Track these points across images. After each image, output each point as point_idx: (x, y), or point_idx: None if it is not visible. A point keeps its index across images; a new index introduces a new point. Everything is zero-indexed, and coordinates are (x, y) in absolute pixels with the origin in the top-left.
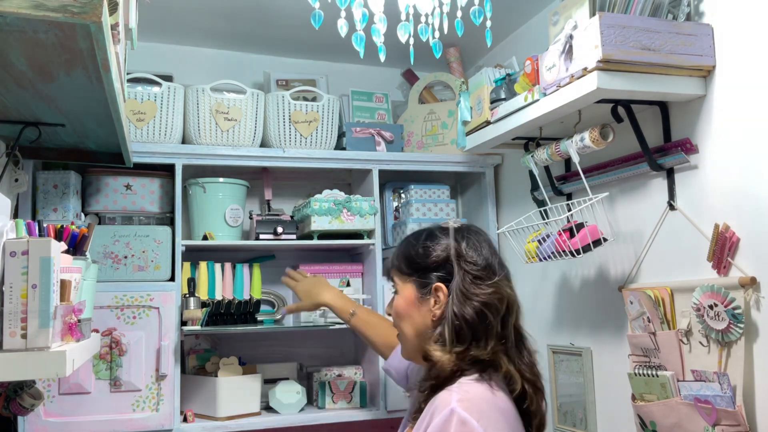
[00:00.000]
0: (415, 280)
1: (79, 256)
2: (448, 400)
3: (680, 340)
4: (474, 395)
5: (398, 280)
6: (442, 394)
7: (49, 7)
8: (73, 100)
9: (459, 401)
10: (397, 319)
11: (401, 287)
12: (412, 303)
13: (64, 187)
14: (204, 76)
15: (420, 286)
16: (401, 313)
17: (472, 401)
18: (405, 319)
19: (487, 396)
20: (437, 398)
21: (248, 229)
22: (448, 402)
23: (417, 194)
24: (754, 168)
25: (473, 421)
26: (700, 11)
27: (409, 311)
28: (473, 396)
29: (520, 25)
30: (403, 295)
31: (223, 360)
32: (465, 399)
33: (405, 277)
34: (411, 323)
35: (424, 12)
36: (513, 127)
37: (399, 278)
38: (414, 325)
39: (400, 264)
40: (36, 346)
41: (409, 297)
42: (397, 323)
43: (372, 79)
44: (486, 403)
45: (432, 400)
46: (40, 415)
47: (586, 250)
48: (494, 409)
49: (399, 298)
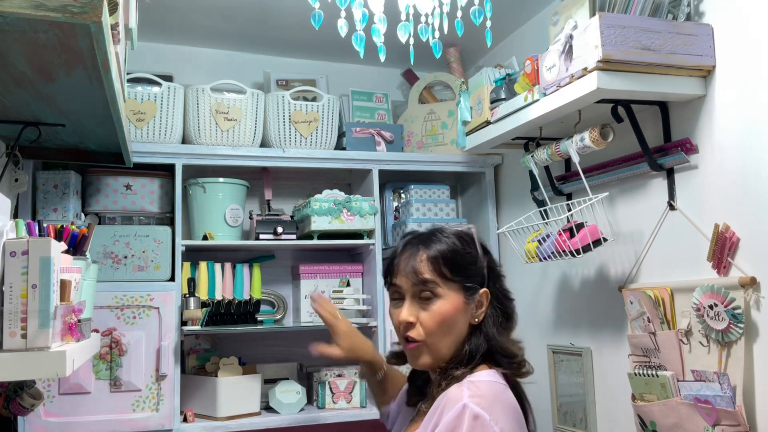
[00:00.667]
0: (464, 286)
1: (79, 256)
2: (460, 396)
3: (680, 340)
4: (485, 391)
5: (441, 288)
6: (452, 390)
7: (49, 7)
8: (73, 100)
9: (471, 397)
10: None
11: (446, 293)
12: (459, 309)
13: (64, 187)
14: (204, 76)
15: (466, 291)
16: (448, 321)
17: (483, 396)
18: (450, 328)
19: (497, 391)
20: (447, 394)
21: (248, 229)
22: (460, 398)
23: (417, 194)
24: (754, 168)
25: (485, 415)
26: (700, 11)
27: (456, 318)
28: (484, 392)
29: (520, 25)
30: (450, 301)
31: (223, 360)
32: (476, 395)
33: (449, 283)
34: (455, 331)
35: (424, 12)
36: (513, 127)
37: (443, 286)
38: (457, 333)
39: (443, 270)
40: (36, 346)
41: (457, 303)
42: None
43: (372, 79)
44: (496, 398)
45: (441, 396)
46: (40, 415)
47: (586, 250)
48: (504, 404)
49: (445, 303)
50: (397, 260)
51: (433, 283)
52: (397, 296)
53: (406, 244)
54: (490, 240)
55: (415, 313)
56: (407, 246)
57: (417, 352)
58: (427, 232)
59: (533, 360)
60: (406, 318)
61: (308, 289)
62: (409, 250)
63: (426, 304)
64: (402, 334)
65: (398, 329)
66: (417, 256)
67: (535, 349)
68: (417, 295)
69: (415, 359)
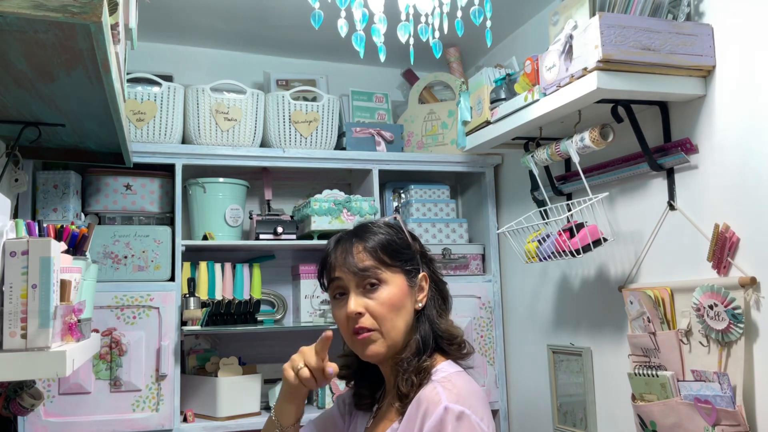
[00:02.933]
0: (404, 270)
1: (79, 256)
2: (438, 399)
3: (680, 340)
4: (460, 386)
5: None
6: (426, 391)
7: (49, 7)
8: (73, 100)
9: (449, 397)
10: (388, 312)
11: (390, 278)
12: (406, 292)
13: (64, 187)
14: (204, 76)
15: (408, 275)
16: (397, 304)
17: (460, 394)
18: (400, 311)
19: (469, 385)
20: (423, 397)
21: (248, 229)
22: (438, 400)
23: (417, 194)
24: (754, 168)
25: (467, 411)
26: (700, 11)
27: (404, 301)
28: (459, 387)
29: (520, 25)
30: (397, 285)
31: (223, 360)
32: (453, 393)
33: (391, 268)
34: (405, 314)
35: (424, 12)
36: (513, 127)
37: (386, 271)
38: (407, 316)
39: (382, 257)
40: (36, 346)
41: (403, 286)
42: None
43: (372, 79)
44: (471, 392)
45: (417, 400)
46: (40, 415)
47: (586, 250)
48: (476, 394)
49: (391, 288)
50: (332, 257)
51: (376, 269)
52: (339, 292)
53: (337, 241)
54: (490, 240)
55: (362, 303)
56: (340, 242)
57: (369, 341)
58: (356, 228)
59: (533, 360)
60: (354, 309)
61: (308, 289)
62: (343, 245)
63: (372, 293)
64: (351, 327)
65: (345, 325)
66: (353, 249)
67: (535, 349)
68: (361, 285)
69: (367, 347)
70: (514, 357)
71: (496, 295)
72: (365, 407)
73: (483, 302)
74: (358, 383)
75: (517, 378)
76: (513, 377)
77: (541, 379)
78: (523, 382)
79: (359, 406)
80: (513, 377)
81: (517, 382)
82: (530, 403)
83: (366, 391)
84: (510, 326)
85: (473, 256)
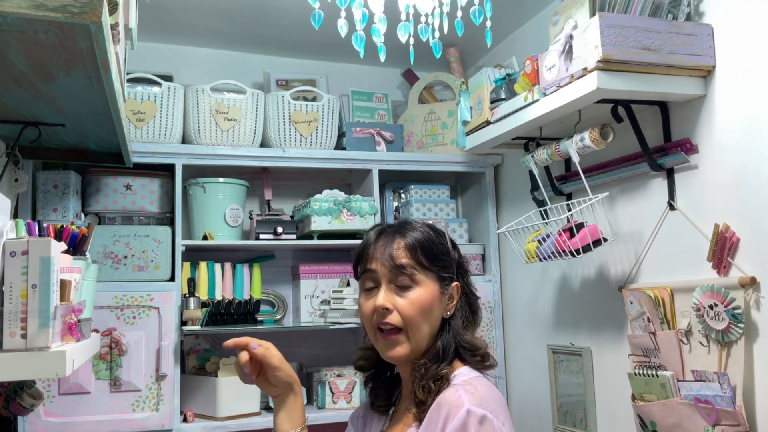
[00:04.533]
0: (438, 275)
1: (79, 256)
2: (460, 402)
3: (680, 340)
4: (482, 390)
5: (420, 275)
6: (448, 394)
7: (49, 7)
8: (73, 100)
9: (471, 400)
10: (415, 313)
11: (424, 280)
12: (436, 298)
13: (64, 187)
14: (204, 76)
15: (441, 281)
16: (426, 307)
17: (482, 398)
18: (428, 315)
19: (491, 390)
20: (445, 401)
21: (248, 229)
22: (461, 403)
23: (417, 194)
24: (754, 168)
25: (489, 416)
26: (700, 11)
27: (433, 306)
28: (482, 391)
29: (520, 25)
30: (428, 288)
31: (223, 360)
32: (476, 397)
33: (426, 271)
34: (432, 319)
35: (424, 12)
36: (513, 127)
37: (421, 273)
38: (433, 322)
39: (420, 258)
40: (36, 346)
41: (434, 291)
42: (412, 318)
43: (372, 79)
44: (492, 397)
45: (438, 403)
46: (40, 415)
47: (586, 250)
48: (497, 399)
49: (422, 290)
50: (372, 247)
51: (411, 269)
52: (371, 284)
53: (380, 233)
54: (490, 240)
55: (392, 300)
56: (381, 234)
57: (394, 342)
58: (400, 223)
59: (533, 360)
60: (383, 303)
61: (308, 289)
62: (384, 239)
63: (403, 292)
64: (376, 322)
65: (370, 318)
66: (394, 244)
67: (535, 349)
68: (393, 281)
69: (392, 349)
70: (514, 357)
71: (496, 295)
72: (381, 410)
73: (483, 302)
74: (375, 381)
75: (517, 378)
76: (513, 377)
77: (541, 379)
78: (523, 382)
79: (375, 407)
80: (513, 377)
81: (517, 382)
82: (530, 403)
83: (383, 392)
84: (510, 326)
85: (473, 256)
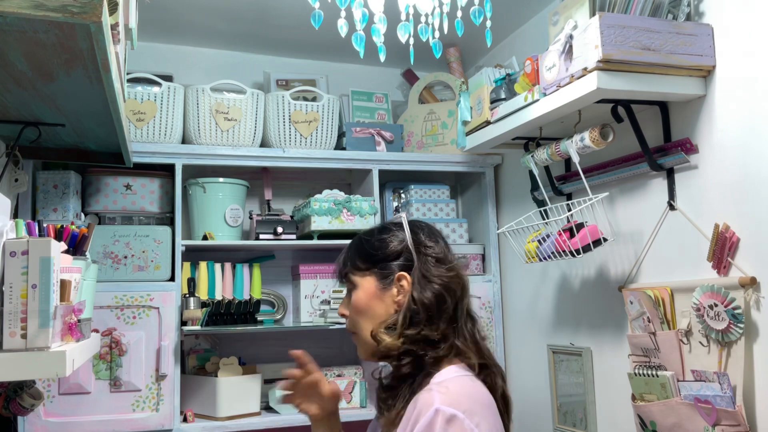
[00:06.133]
0: (376, 272)
1: (79, 256)
2: (431, 401)
3: (680, 340)
4: (454, 390)
5: (355, 277)
6: (422, 395)
7: (49, 7)
8: (73, 100)
9: (442, 400)
10: (356, 315)
11: (359, 282)
12: (373, 295)
13: (64, 187)
14: (204, 76)
15: (381, 277)
16: (361, 307)
17: (453, 397)
18: (365, 314)
19: (465, 385)
20: (419, 400)
21: (248, 229)
22: (431, 403)
23: (417, 194)
24: (754, 168)
25: (460, 415)
26: (700, 11)
27: (370, 304)
28: (454, 391)
29: (520, 25)
30: (363, 289)
31: (223, 360)
32: (447, 396)
33: (363, 273)
34: (372, 316)
35: (424, 12)
36: (513, 127)
37: (356, 275)
38: (375, 318)
39: (355, 261)
40: (36, 346)
41: (370, 289)
42: (356, 320)
43: (372, 79)
44: (467, 396)
45: (413, 402)
46: (40, 415)
47: (586, 250)
48: (474, 398)
49: (358, 292)
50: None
51: (348, 275)
52: None
53: None
54: (490, 240)
55: (346, 305)
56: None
57: (356, 343)
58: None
59: (533, 360)
60: (339, 312)
61: (308, 289)
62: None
63: (350, 297)
64: None
65: None
66: (342, 255)
67: (535, 349)
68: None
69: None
70: (514, 357)
71: (496, 295)
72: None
73: (483, 302)
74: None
75: (517, 378)
76: (513, 377)
77: (541, 379)
78: (523, 382)
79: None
80: (513, 377)
81: (517, 382)
82: (530, 403)
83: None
84: (510, 326)
85: (473, 256)
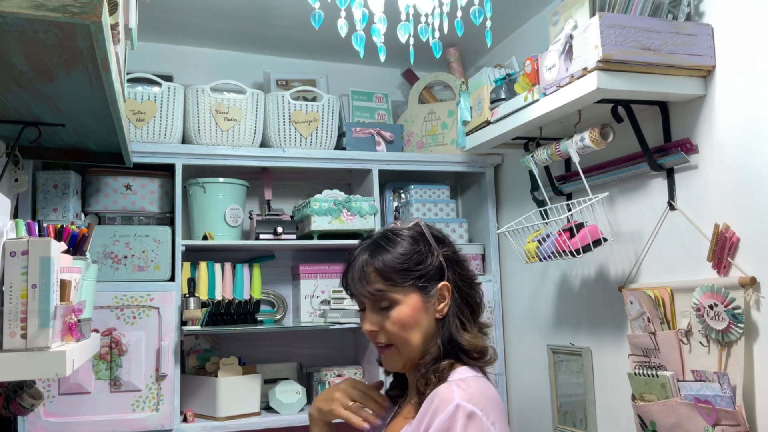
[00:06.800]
0: (419, 286)
1: (79, 256)
2: (451, 397)
3: (680, 340)
4: (475, 388)
5: (396, 295)
6: (442, 389)
7: (49, 7)
8: (73, 100)
9: (462, 395)
10: (401, 331)
11: (402, 299)
12: (419, 309)
13: (64, 187)
14: (204, 76)
15: (424, 290)
16: (409, 323)
17: (474, 395)
18: (413, 328)
19: (484, 389)
20: (437, 395)
21: (248, 229)
22: (452, 398)
23: (417, 194)
24: (754, 168)
25: (479, 412)
26: (700, 11)
27: (418, 319)
28: (474, 390)
29: (520, 25)
30: (408, 305)
31: (223, 360)
32: (468, 393)
33: (404, 289)
34: (420, 330)
35: (424, 12)
36: (513, 127)
37: (396, 293)
38: (423, 331)
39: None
40: (36, 346)
41: (416, 305)
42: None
43: (372, 79)
44: (485, 394)
45: (431, 396)
46: (40, 415)
47: (586, 250)
48: (491, 399)
49: (402, 308)
50: (350, 275)
51: (386, 292)
52: (360, 306)
53: (356, 256)
54: (490, 240)
55: (377, 321)
56: (356, 258)
57: (389, 356)
58: (374, 241)
59: (533, 360)
60: (368, 328)
61: (308, 289)
62: (358, 262)
63: (386, 312)
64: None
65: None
66: (367, 269)
67: (535, 349)
68: (376, 304)
69: (387, 361)
70: (514, 357)
71: (496, 295)
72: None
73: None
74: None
75: (517, 378)
76: (513, 377)
77: (541, 379)
78: (523, 382)
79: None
80: (513, 377)
81: (517, 382)
82: (530, 403)
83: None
84: (510, 326)
85: (473, 256)
